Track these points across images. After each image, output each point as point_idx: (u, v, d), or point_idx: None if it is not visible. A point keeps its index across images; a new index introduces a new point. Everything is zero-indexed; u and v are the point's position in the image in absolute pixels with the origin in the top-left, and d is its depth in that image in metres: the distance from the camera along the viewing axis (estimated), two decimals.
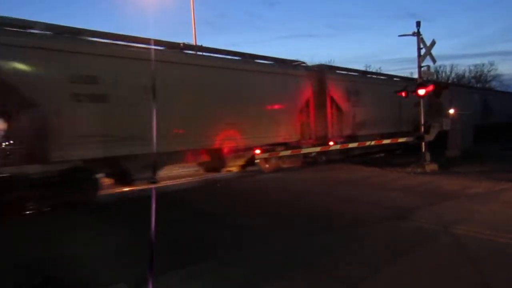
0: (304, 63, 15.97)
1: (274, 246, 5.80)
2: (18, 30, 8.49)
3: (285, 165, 14.57)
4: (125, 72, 9.60)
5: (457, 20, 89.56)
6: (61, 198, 8.80)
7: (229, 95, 12.19)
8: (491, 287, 4.22)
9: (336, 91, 15.99)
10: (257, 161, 13.58)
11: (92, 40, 9.66)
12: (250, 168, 13.77)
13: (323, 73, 15.96)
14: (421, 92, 13.29)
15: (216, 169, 13.37)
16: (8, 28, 8.31)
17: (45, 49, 8.49)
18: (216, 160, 12.64)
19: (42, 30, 8.79)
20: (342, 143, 15.69)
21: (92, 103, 9.10)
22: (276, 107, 13.79)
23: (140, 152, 9.38)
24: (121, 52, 9.91)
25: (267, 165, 13.91)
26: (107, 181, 10.49)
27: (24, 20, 8.64)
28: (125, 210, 8.84)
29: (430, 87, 13.49)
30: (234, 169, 13.78)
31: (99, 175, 9.88)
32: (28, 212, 8.85)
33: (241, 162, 13.45)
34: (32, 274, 4.90)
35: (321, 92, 15.53)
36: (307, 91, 15.06)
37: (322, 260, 5.19)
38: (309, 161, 15.72)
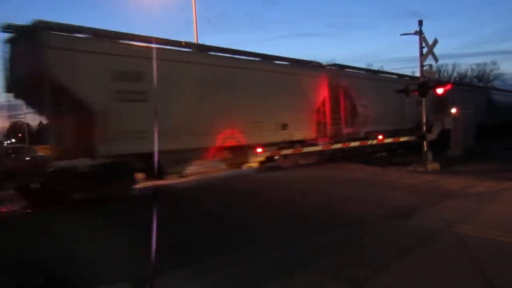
0: None
1: (274, 245, 5.79)
2: None
3: None
4: None
5: (460, 19, 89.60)
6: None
7: None
8: (495, 286, 4.20)
9: None
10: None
11: None
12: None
13: None
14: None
15: None
16: None
17: None
18: None
19: None
20: None
21: None
22: None
23: None
24: None
25: None
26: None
27: None
28: (126, 208, 8.83)
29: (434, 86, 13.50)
30: None
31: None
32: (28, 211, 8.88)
33: None
34: (34, 274, 4.90)
35: None
36: None
37: (324, 259, 5.17)
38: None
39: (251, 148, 12.55)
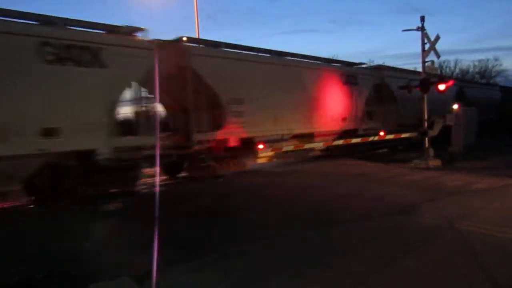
0: None
1: (276, 241, 5.81)
2: None
3: None
4: None
5: (462, 15, 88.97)
6: None
7: None
8: (495, 282, 4.22)
9: None
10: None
11: None
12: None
13: None
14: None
15: None
16: None
17: None
18: None
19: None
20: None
21: None
22: None
23: None
24: None
25: None
26: None
27: None
28: (128, 205, 8.86)
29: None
30: None
31: None
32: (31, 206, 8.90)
33: None
34: (37, 268, 4.93)
35: None
36: None
37: (327, 255, 5.19)
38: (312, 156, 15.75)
39: None
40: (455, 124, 16.49)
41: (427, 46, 13.65)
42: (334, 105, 15.15)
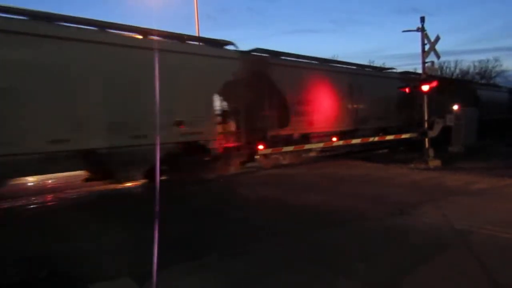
0: None
1: (276, 241, 5.80)
2: None
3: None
4: None
5: (462, 15, 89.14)
6: None
7: None
8: (496, 283, 4.22)
9: None
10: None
11: None
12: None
13: None
14: (425, 88, 13.30)
15: None
16: None
17: None
18: None
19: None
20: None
21: None
22: None
23: None
24: None
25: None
26: None
27: None
28: (126, 205, 8.86)
29: None
30: None
31: None
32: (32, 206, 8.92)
33: None
34: (38, 268, 4.93)
35: None
36: None
37: (326, 255, 5.19)
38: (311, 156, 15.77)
39: None
40: (455, 124, 16.50)
41: (427, 47, 13.65)
42: None
